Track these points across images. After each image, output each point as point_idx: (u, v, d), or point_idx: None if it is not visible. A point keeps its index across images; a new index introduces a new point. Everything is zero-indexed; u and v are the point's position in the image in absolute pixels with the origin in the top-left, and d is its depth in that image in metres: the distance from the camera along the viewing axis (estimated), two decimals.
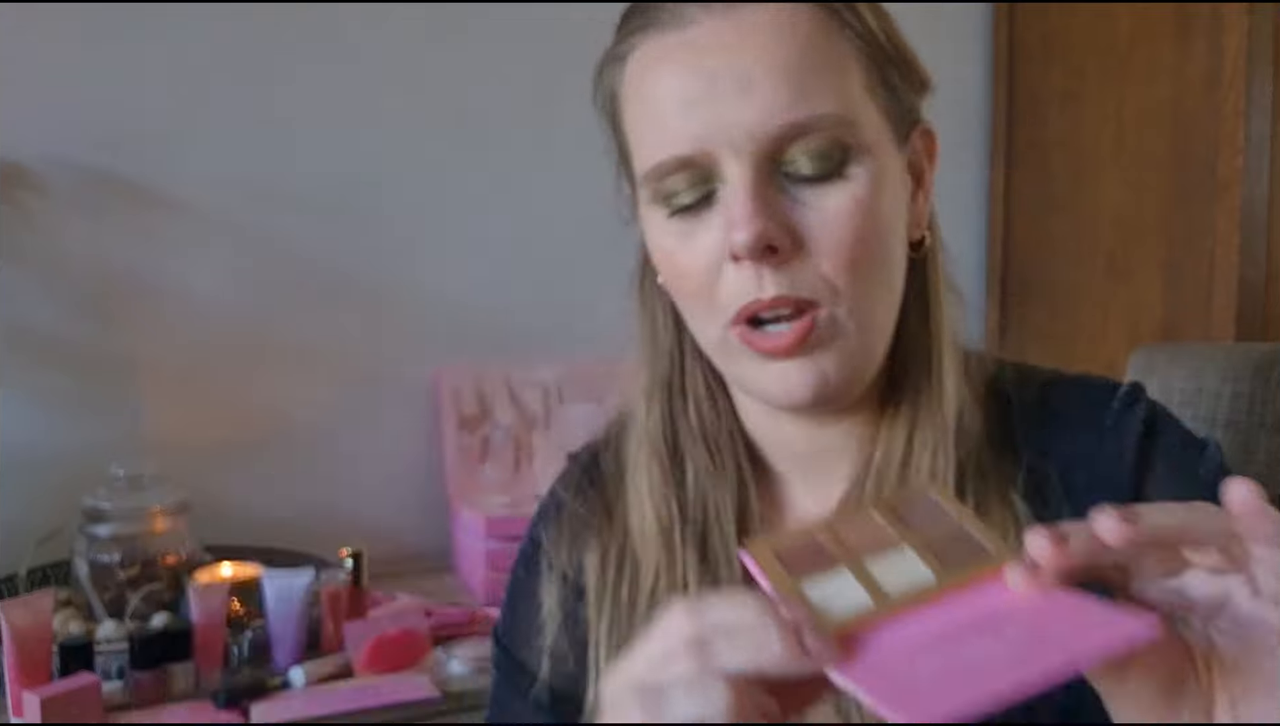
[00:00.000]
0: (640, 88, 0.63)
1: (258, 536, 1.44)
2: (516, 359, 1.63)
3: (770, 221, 0.58)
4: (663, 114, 0.61)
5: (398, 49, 1.56)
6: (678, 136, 0.60)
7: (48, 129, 1.37)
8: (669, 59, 0.61)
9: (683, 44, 0.60)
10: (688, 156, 0.60)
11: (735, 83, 0.59)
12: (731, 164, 0.59)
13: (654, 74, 0.62)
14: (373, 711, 1.07)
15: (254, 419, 1.51)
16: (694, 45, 0.60)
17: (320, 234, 1.54)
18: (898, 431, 0.65)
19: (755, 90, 0.58)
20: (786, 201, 0.60)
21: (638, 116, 0.64)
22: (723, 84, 0.59)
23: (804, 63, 0.59)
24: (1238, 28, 1.55)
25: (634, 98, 0.64)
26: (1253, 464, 1.03)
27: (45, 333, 1.39)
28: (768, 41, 0.59)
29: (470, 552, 1.46)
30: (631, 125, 0.65)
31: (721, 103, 0.59)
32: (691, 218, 0.62)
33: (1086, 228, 1.80)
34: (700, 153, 0.60)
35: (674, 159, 0.60)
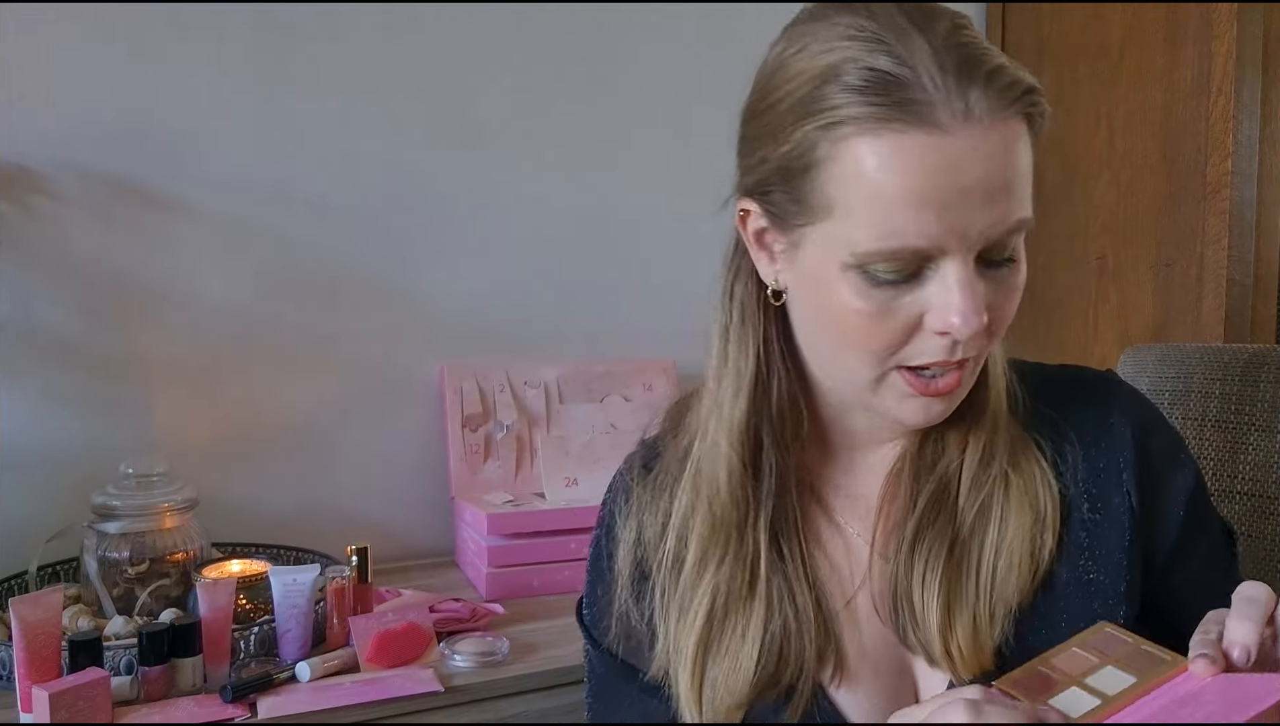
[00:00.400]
0: (870, 172, 0.63)
1: (264, 533, 1.46)
2: (519, 358, 1.65)
3: (984, 310, 0.65)
4: (898, 207, 0.63)
5: (402, 52, 1.57)
6: (915, 233, 0.63)
7: (57, 133, 1.38)
8: (917, 160, 0.62)
9: (935, 150, 0.62)
10: (919, 250, 0.64)
11: (983, 196, 0.63)
12: (953, 258, 0.64)
13: (895, 168, 0.62)
14: (378, 705, 1.08)
15: (261, 418, 1.52)
16: (947, 156, 0.62)
17: (326, 235, 1.54)
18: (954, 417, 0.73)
19: (996, 203, 0.64)
20: (981, 284, 0.66)
21: (860, 192, 0.64)
22: (971, 196, 0.63)
23: (1024, 172, 0.65)
24: (1227, 33, 1.56)
25: (855, 176, 0.64)
26: (1241, 463, 1.05)
27: (55, 333, 1.39)
28: (1008, 156, 0.64)
29: (473, 549, 1.47)
30: (842, 193, 0.65)
31: (966, 212, 0.63)
32: (893, 290, 0.66)
33: (1078, 229, 1.82)
34: (932, 248, 0.64)
35: (905, 250, 0.64)
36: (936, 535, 0.74)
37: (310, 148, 1.53)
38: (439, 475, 1.61)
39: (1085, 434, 0.77)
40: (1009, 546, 0.73)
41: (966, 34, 0.65)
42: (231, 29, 1.47)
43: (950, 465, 0.75)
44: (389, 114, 1.57)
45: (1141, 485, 0.76)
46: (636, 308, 1.74)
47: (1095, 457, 0.76)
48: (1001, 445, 0.75)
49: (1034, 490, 0.74)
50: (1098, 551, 0.75)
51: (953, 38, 0.64)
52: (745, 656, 0.73)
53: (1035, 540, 0.73)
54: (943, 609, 0.72)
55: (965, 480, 0.75)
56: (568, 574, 1.42)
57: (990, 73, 0.63)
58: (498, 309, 1.66)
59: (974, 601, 0.72)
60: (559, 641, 1.24)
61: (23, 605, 1.01)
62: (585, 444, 1.56)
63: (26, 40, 1.36)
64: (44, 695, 0.96)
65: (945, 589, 0.72)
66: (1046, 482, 0.75)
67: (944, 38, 0.63)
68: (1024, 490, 0.74)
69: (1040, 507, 0.74)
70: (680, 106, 1.74)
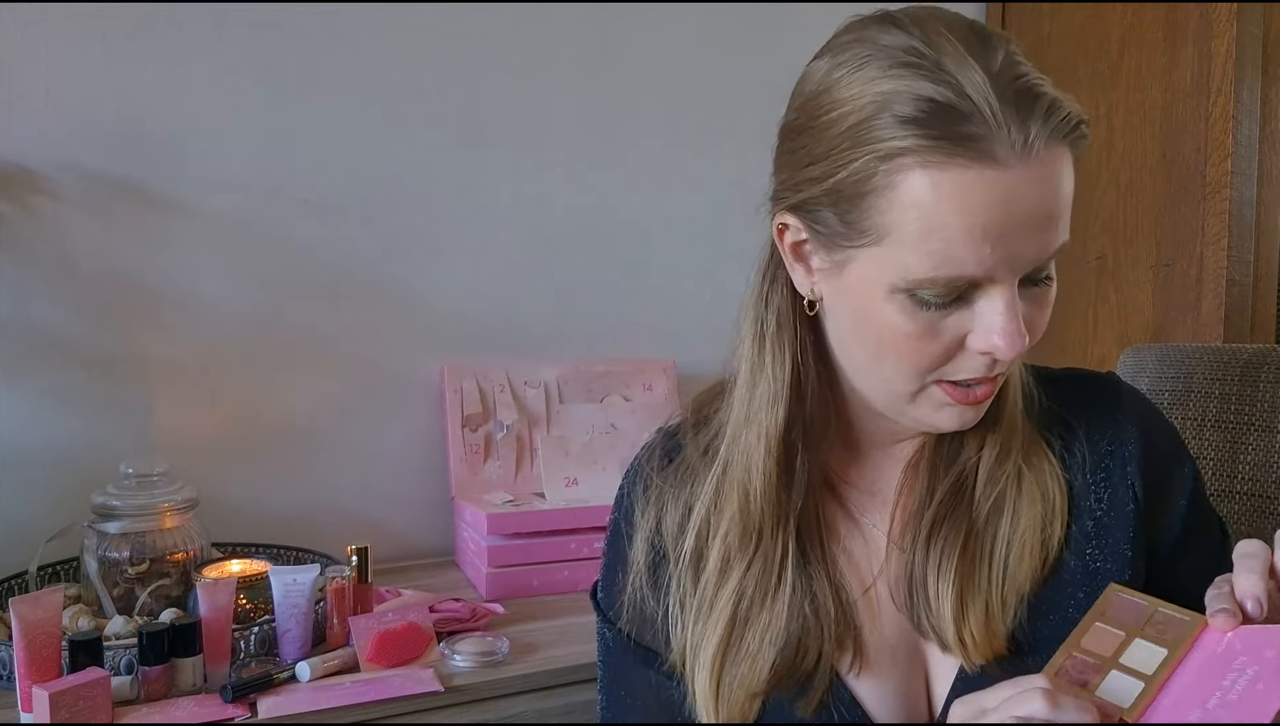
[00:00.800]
0: (928, 203, 0.64)
1: (265, 533, 1.46)
2: (519, 358, 1.65)
3: (1025, 333, 0.67)
4: (956, 239, 0.64)
5: (403, 52, 1.57)
6: (971, 262, 0.65)
7: (58, 133, 1.38)
8: (978, 194, 0.63)
9: (995, 184, 0.63)
10: (972, 277, 0.66)
11: (1036, 226, 0.65)
12: (1004, 283, 0.66)
13: (953, 201, 0.63)
14: (377, 705, 1.08)
15: (261, 418, 1.52)
16: (1005, 188, 0.63)
17: (326, 235, 1.54)
18: None
19: (1047, 232, 0.66)
20: (1022, 304, 0.68)
21: (917, 222, 0.64)
22: (1026, 227, 0.65)
23: (1070, 198, 0.68)
24: (1227, 33, 1.57)
25: (913, 205, 0.64)
26: (1241, 463, 1.05)
27: (55, 333, 1.39)
28: (1060, 186, 0.66)
29: (473, 549, 1.47)
30: (898, 221, 0.65)
31: (1020, 242, 0.65)
32: (940, 311, 0.67)
33: (1077, 229, 1.80)
34: (984, 276, 0.66)
35: (960, 278, 0.65)
36: (952, 526, 0.76)
37: (310, 148, 1.53)
38: (439, 475, 1.61)
39: (1093, 431, 0.80)
40: (1021, 537, 0.75)
41: (1021, 64, 0.65)
42: (231, 29, 1.47)
43: (968, 460, 0.78)
44: (389, 114, 1.57)
45: (1146, 480, 0.79)
46: (636, 308, 1.74)
47: (1102, 454, 0.79)
48: (1017, 443, 0.77)
49: (1044, 482, 0.77)
50: (1104, 541, 0.77)
51: (1010, 69, 0.64)
52: (764, 654, 0.75)
53: (1046, 529, 0.76)
54: (956, 596, 0.74)
55: (982, 475, 0.77)
56: (568, 574, 1.42)
57: (1049, 107, 0.64)
58: (498, 309, 1.66)
59: (987, 589, 0.74)
60: (559, 641, 1.24)
61: (23, 605, 1.01)
62: (585, 444, 1.56)
63: (26, 40, 1.36)
64: (44, 695, 0.96)
65: (959, 577, 0.74)
66: (1055, 475, 0.77)
67: (1002, 67, 0.64)
68: (1035, 483, 0.77)
69: (1050, 498, 0.77)
70: (680, 107, 1.74)
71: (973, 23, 0.67)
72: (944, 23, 0.66)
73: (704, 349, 0.82)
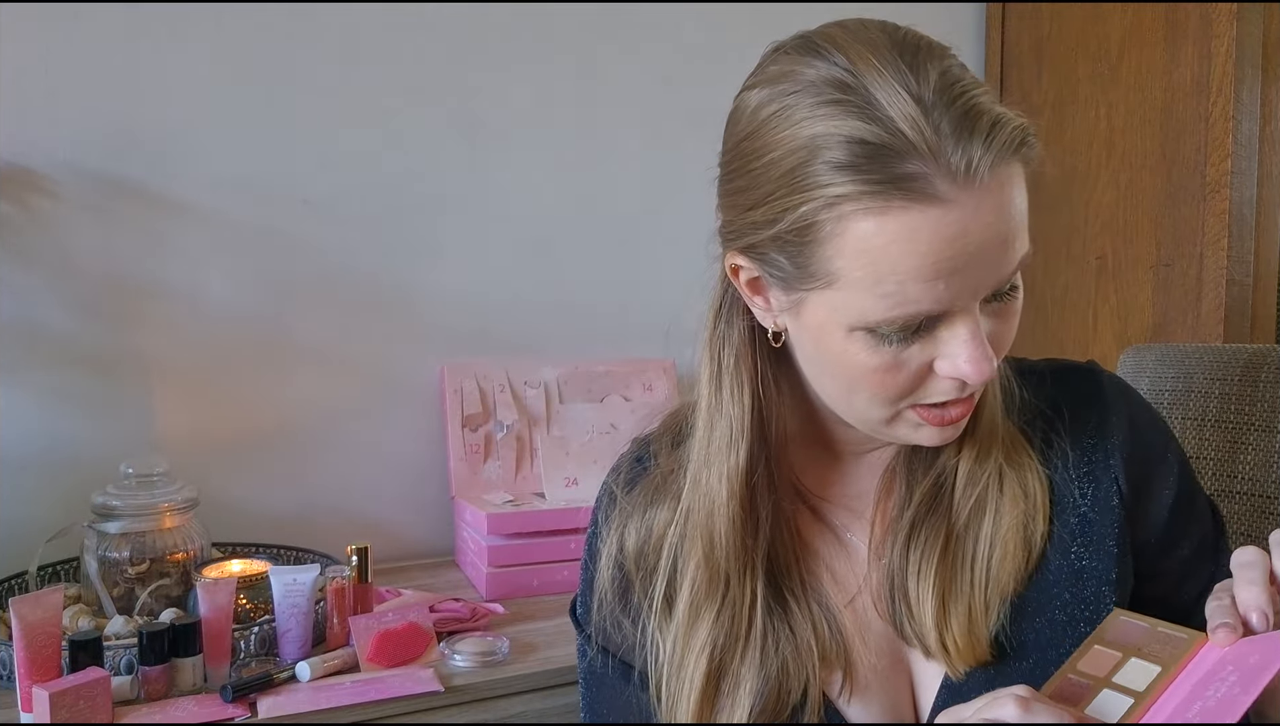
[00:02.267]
0: (875, 248, 0.61)
1: (265, 533, 1.46)
2: (519, 358, 1.65)
3: (992, 357, 0.65)
4: (906, 280, 0.61)
5: (403, 51, 1.57)
6: (927, 301, 0.62)
7: (58, 133, 1.38)
8: (924, 236, 0.60)
9: (942, 222, 0.59)
10: (929, 313, 0.63)
11: (994, 251, 0.62)
12: (964, 312, 0.64)
13: (900, 245, 0.60)
14: (377, 705, 1.08)
15: (261, 417, 1.52)
16: (953, 224, 0.60)
17: (326, 235, 1.55)
18: None
19: (1003, 256, 0.63)
20: (985, 319, 0.66)
21: (866, 267, 0.62)
22: (983, 256, 0.61)
23: (1023, 218, 0.64)
24: (1226, 33, 1.57)
25: (862, 251, 0.61)
26: (1241, 463, 1.05)
27: (56, 333, 1.39)
28: (1012, 205, 0.62)
29: (473, 549, 1.48)
30: (847, 267, 0.62)
31: (975, 273, 0.62)
32: (902, 344, 0.65)
33: (1077, 229, 1.82)
34: (943, 311, 0.63)
35: (915, 316, 0.63)
36: (932, 529, 0.74)
37: (310, 148, 1.53)
38: (439, 475, 1.61)
39: (1075, 425, 0.78)
40: (1004, 537, 0.74)
41: (956, 80, 0.61)
42: (230, 29, 1.47)
43: (947, 463, 0.76)
44: (389, 114, 1.57)
45: (1130, 473, 0.77)
46: (636, 308, 1.74)
47: (1085, 447, 0.78)
48: (998, 443, 0.76)
49: (1025, 480, 0.75)
50: (1089, 538, 0.76)
51: (945, 90, 0.60)
52: (742, 702, 0.73)
53: (1028, 528, 0.74)
54: (938, 601, 0.72)
55: (961, 476, 0.75)
56: (568, 574, 1.42)
57: (990, 127, 0.60)
58: (498, 309, 1.66)
59: (969, 593, 0.73)
60: (559, 641, 1.24)
61: (23, 605, 1.01)
62: (585, 444, 1.56)
63: (26, 40, 1.36)
64: (44, 695, 0.96)
65: (940, 581, 0.73)
66: (1036, 472, 0.76)
67: (936, 89, 0.60)
68: (1016, 481, 0.75)
69: (1032, 495, 0.75)
70: (681, 106, 1.74)
71: (902, 36, 0.64)
72: (868, 43, 0.62)
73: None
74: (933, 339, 0.65)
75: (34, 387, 1.38)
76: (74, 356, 1.41)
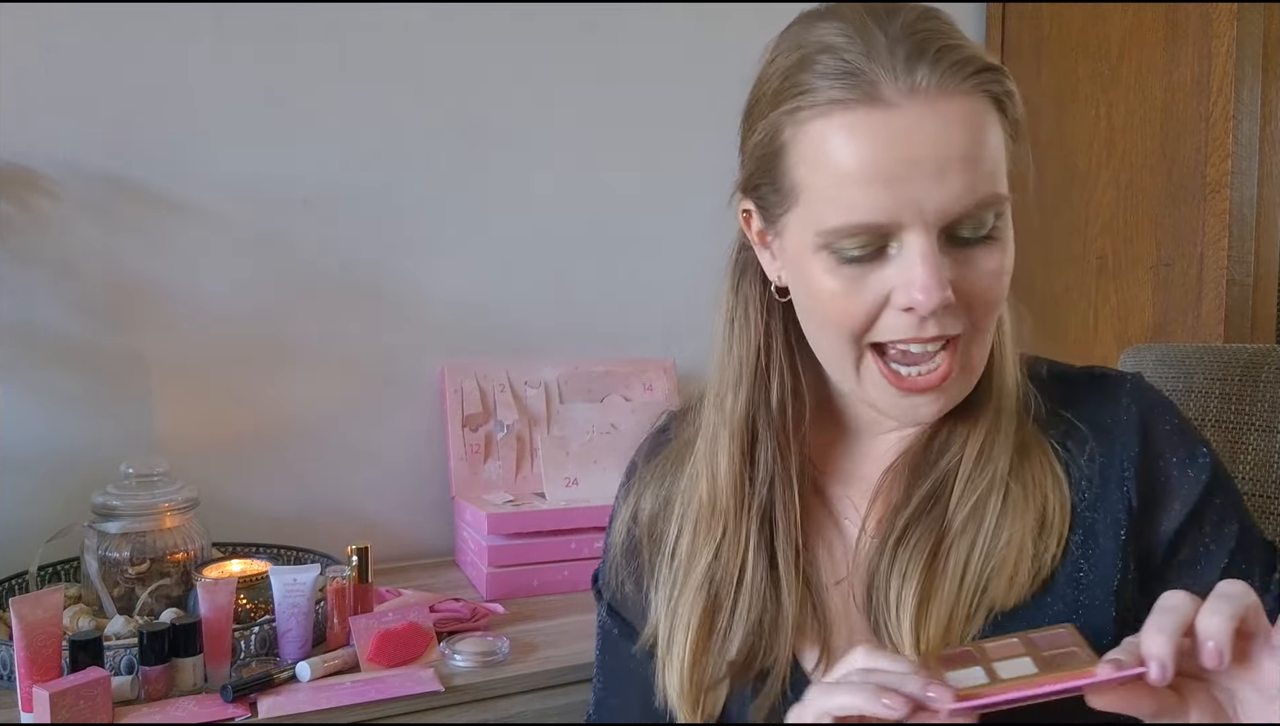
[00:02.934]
0: (828, 147, 0.66)
1: (265, 533, 1.46)
2: (519, 358, 1.65)
3: (946, 284, 0.66)
4: (852, 183, 0.65)
5: (403, 51, 1.57)
6: (869, 207, 0.65)
7: (58, 133, 1.38)
8: (865, 134, 0.65)
9: (882, 125, 0.64)
10: (875, 224, 0.66)
11: (934, 168, 0.64)
12: (914, 233, 0.66)
13: (847, 145, 0.65)
14: (378, 705, 1.08)
15: (261, 417, 1.52)
16: (894, 128, 0.64)
17: (326, 235, 1.55)
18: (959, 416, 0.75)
19: (949, 176, 0.65)
20: (950, 261, 0.67)
21: (819, 171, 0.67)
22: (922, 168, 0.64)
23: (984, 151, 0.66)
24: (1227, 33, 1.57)
25: (818, 152, 0.67)
26: (1241, 463, 1.05)
27: (56, 333, 1.39)
28: (960, 132, 0.65)
29: (473, 549, 1.48)
30: (805, 181, 0.68)
31: (918, 185, 0.65)
32: (860, 267, 0.68)
33: (1077, 229, 1.82)
34: (889, 223, 0.66)
35: (861, 225, 0.66)
36: (924, 531, 0.74)
37: (310, 148, 1.53)
38: (439, 475, 1.61)
39: (1094, 432, 0.76)
40: (1001, 551, 0.72)
41: (928, 23, 0.67)
42: (231, 29, 1.47)
43: (950, 462, 0.76)
44: (389, 114, 1.57)
45: (1143, 484, 0.74)
46: (636, 308, 1.75)
47: (1100, 456, 0.75)
48: (1002, 446, 0.74)
49: (1041, 495, 0.73)
50: (1092, 549, 0.73)
51: (912, 26, 0.66)
52: (731, 644, 0.76)
53: (1038, 544, 0.72)
54: (917, 603, 0.72)
55: (960, 479, 0.75)
56: (568, 574, 1.42)
57: (940, 50, 0.65)
58: (498, 309, 1.66)
59: (953, 601, 0.72)
60: (559, 641, 1.24)
61: (23, 605, 1.01)
62: (585, 444, 1.56)
63: (26, 40, 1.36)
64: (44, 695, 0.96)
65: (922, 584, 0.72)
66: (1058, 488, 0.74)
67: (903, 27, 0.66)
68: (1026, 494, 0.73)
69: (1048, 512, 0.73)
70: (680, 106, 1.74)
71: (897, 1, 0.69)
72: (866, 5, 0.69)
73: (704, 349, 0.84)
74: (889, 267, 0.68)
75: (34, 387, 1.38)
76: (74, 356, 1.41)
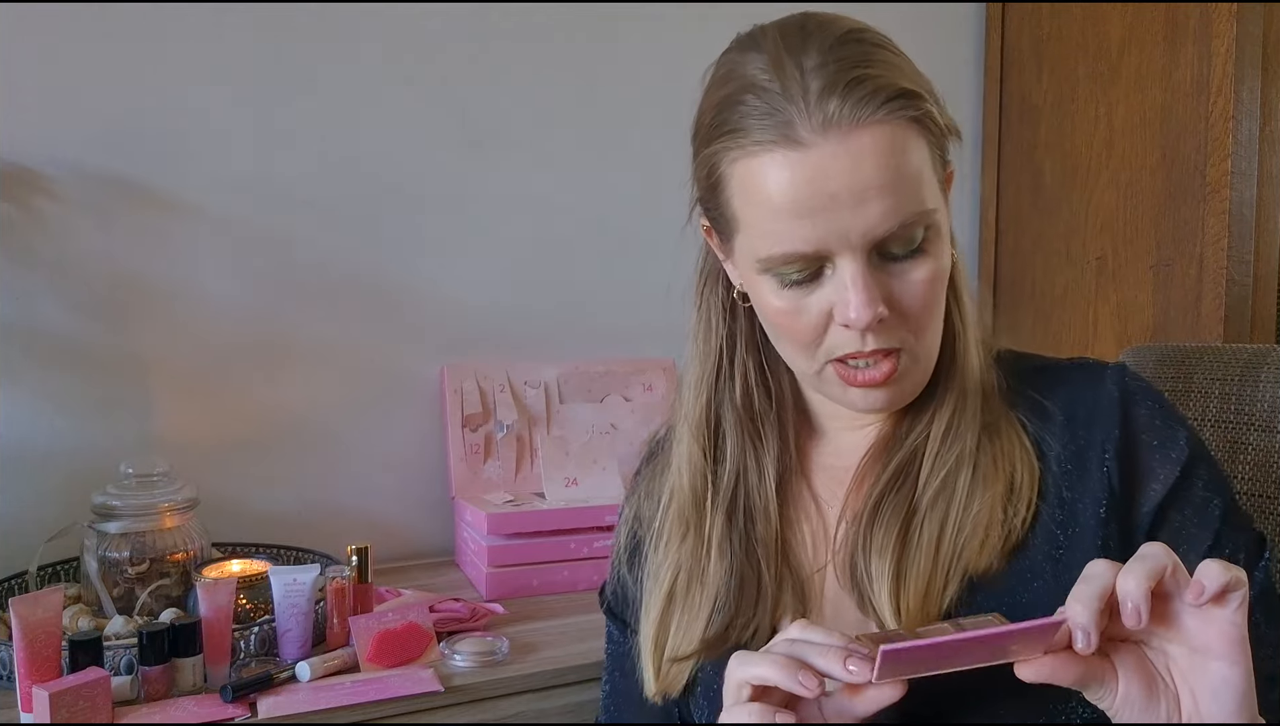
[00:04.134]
0: (754, 186, 0.71)
1: (265, 533, 1.46)
2: (519, 358, 1.65)
3: (877, 302, 0.71)
4: (780, 217, 0.70)
5: (403, 51, 1.57)
6: (796, 238, 0.70)
7: (58, 133, 1.38)
8: (785, 173, 0.69)
9: (799, 163, 0.68)
10: (805, 253, 0.71)
11: (851, 198, 0.68)
12: (844, 257, 0.71)
13: (771, 181, 0.70)
14: (377, 705, 1.08)
15: (261, 418, 1.52)
16: (810, 166, 0.68)
17: (327, 235, 1.55)
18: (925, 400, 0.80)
19: (868, 204, 0.69)
20: (883, 277, 0.72)
21: (750, 206, 0.72)
22: (840, 200, 0.68)
23: (902, 174, 0.69)
24: (1226, 33, 1.57)
25: (746, 189, 0.72)
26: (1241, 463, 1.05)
27: (56, 333, 1.39)
28: (873, 162, 0.68)
29: (473, 549, 1.48)
30: (740, 208, 0.73)
31: (839, 216, 0.69)
32: (802, 289, 0.73)
33: (1077, 230, 1.82)
34: (817, 252, 0.71)
35: (793, 254, 0.71)
36: (896, 504, 0.77)
37: (310, 148, 1.53)
38: (439, 475, 1.61)
39: (1074, 414, 0.79)
40: (974, 518, 0.75)
41: (844, 50, 0.70)
42: (231, 29, 1.47)
43: (917, 440, 0.79)
44: (389, 114, 1.57)
45: (1124, 465, 0.76)
46: (636, 308, 1.74)
47: (1080, 439, 0.78)
48: (969, 424, 0.78)
49: (1010, 464, 0.77)
50: (1072, 529, 0.75)
51: (828, 55, 0.69)
52: (696, 624, 0.80)
53: (1008, 510, 0.75)
54: (894, 576, 0.74)
55: (929, 453, 0.78)
56: (568, 574, 1.42)
57: (850, 83, 0.68)
58: (498, 309, 1.66)
59: (928, 571, 0.74)
60: (559, 641, 1.24)
61: (23, 605, 1.01)
62: (585, 444, 1.56)
63: (26, 40, 1.37)
64: (44, 695, 0.96)
65: (897, 557, 0.75)
66: (1026, 459, 0.77)
67: (819, 55, 0.69)
68: (995, 464, 0.77)
69: (1016, 479, 0.76)
70: (680, 106, 1.74)
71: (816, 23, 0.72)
72: (782, 30, 0.73)
73: None
74: (825, 289, 0.72)
75: (34, 387, 1.38)
76: (74, 356, 1.41)
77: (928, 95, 0.71)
